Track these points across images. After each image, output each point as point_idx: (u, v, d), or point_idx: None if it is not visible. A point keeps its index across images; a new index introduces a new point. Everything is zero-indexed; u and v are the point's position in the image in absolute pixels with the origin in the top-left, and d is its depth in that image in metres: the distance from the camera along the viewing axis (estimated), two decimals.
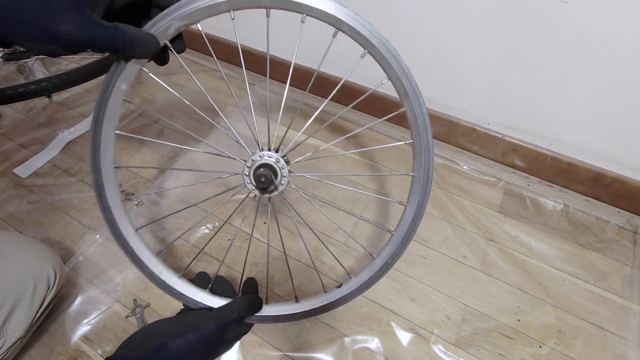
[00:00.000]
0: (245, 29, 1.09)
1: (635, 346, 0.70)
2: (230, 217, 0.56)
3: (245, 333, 0.50)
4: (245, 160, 0.48)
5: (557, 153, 0.90)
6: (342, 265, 0.53)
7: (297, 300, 0.53)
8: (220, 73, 1.21)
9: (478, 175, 0.97)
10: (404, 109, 0.45)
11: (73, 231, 0.84)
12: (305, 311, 0.52)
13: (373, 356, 0.68)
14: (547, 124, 0.88)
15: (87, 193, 0.90)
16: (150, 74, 0.43)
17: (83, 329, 0.70)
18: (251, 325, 0.51)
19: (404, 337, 0.70)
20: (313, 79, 0.47)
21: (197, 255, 0.49)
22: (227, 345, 0.46)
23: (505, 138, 0.94)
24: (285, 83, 0.51)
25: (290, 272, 0.53)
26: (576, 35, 0.72)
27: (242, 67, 1.24)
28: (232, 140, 0.49)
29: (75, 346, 0.68)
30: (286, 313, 0.52)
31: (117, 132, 0.44)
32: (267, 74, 0.52)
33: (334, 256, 0.58)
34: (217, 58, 0.46)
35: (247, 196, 0.50)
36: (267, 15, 0.42)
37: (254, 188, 0.48)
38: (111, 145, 0.44)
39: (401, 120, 1.06)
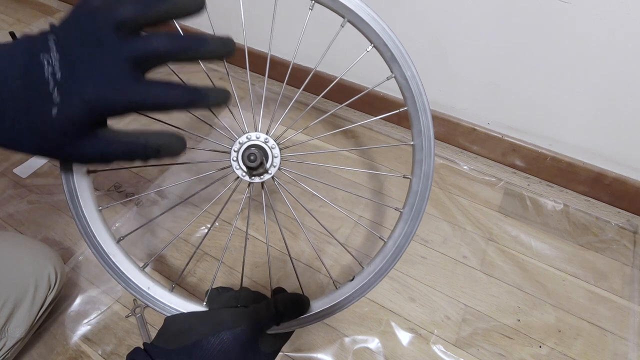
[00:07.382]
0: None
1: (635, 346, 0.70)
2: (221, 211, 0.55)
3: (282, 344, 0.42)
4: (231, 146, 0.43)
5: (557, 153, 0.90)
6: (350, 254, 0.53)
7: None
8: (220, 73, 1.21)
9: (478, 175, 0.97)
10: (393, 75, 0.43)
11: (73, 231, 0.84)
12: (316, 313, 0.43)
13: (373, 356, 0.68)
14: (547, 124, 0.88)
15: None
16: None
17: (83, 329, 0.70)
18: (289, 334, 0.43)
19: (404, 337, 0.70)
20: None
21: (192, 256, 0.48)
22: (261, 357, 0.40)
23: (505, 138, 0.94)
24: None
25: (296, 273, 0.50)
26: (576, 35, 0.72)
27: (244, 67, 1.25)
28: (223, 134, 0.48)
29: (75, 346, 0.68)
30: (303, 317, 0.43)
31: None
32: (247, 66, 0.49)
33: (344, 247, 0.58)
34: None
35: (236, 180, 0.46)
36: None
37: (244, 174, 0.43)
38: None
39: (401, 120, 1.06)
